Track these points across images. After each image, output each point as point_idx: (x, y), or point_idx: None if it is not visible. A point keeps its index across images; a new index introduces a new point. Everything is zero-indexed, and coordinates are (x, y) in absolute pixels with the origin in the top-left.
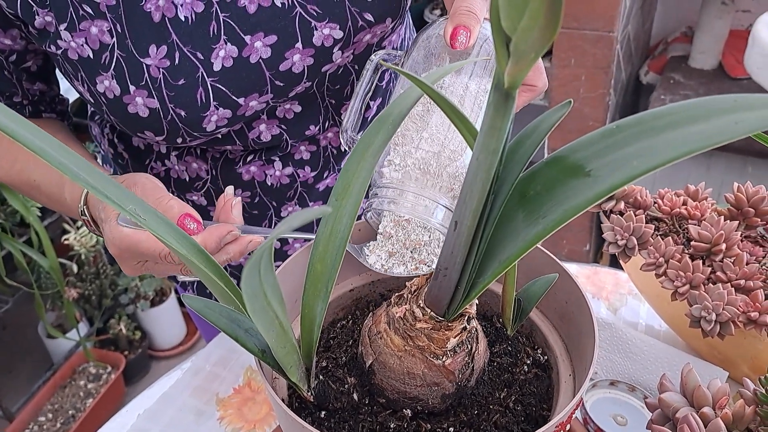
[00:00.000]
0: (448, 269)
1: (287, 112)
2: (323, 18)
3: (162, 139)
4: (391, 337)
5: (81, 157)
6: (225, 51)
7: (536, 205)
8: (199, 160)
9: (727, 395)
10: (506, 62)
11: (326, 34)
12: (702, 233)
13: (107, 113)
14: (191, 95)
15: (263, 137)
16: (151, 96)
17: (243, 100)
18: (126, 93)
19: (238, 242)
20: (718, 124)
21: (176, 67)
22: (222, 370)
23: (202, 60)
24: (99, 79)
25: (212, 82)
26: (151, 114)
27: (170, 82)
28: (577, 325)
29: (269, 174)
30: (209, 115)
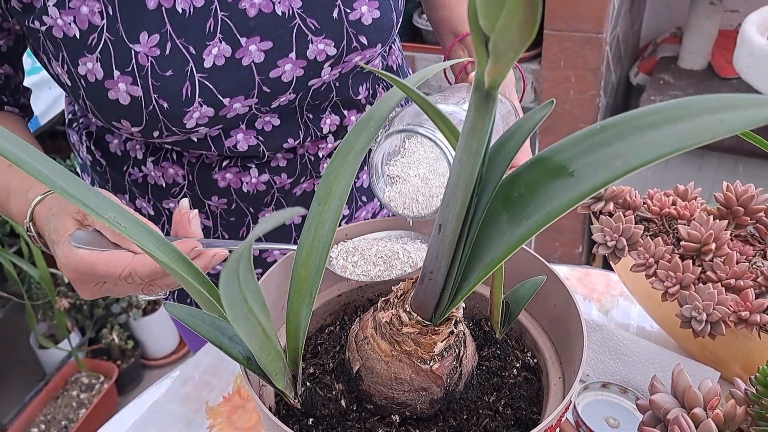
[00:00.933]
0: (433, 273)
1: (266, 124)
2: (320, 33)
3: (138, 131)
4: (378, 343)
5: (59, 166)
6: (218, 49)
7: (520, 207)
8: (176, 166)
9: (717, 396)
10: (485, 61)
11: (320, 49)
12: (691, 233)
13: (83, 98)
14: (177, 88)
15: (239, 146)
16: (135, 83)
17: (228, 101)
18: (109, 78)
19: (201, 257)
20: (702, 123)
21: (166, 58)
22: (211, 378)
23: (193, 54)
24: (82, 61)
25: (200, 78)
26: (132, 102)
27: (158, 71)
28: (566, 327)
29: (245, 181)
30: (192, 111)
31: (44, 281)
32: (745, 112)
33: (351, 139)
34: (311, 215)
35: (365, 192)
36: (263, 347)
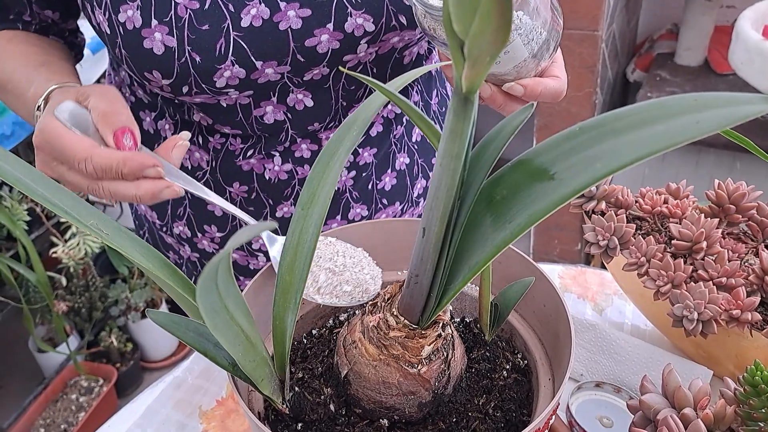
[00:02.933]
0: (419, 276)
1: (298, 102)
2: (360, 7)
3: (168, 84)
4: (366, 347)
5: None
6: (257, 10)
7: (503, 210)
8: (201, 150)
9: (707, 396)
10: (462, 66)
11: (359, 23)
12: (683, 231)
13: (120, 47)
14: (211, 43)
15: (266, 119)
16: (171, 34)
17: (260, 65)
18: (146, 26)
19: (153, 182)
20: (679, 124)
21: (204, 12)
22: (205, 382)
23: (232, 12)
24: (123, 8)
25: (236, 36)
26: (165, 52)
27: (194, 25)
28: (555, 328)
29: (268, 168)
30: (223, 68)
31: (42, 285)
32: (721, 111)
33: (334, 144)
34: (295, 220)
35: (386, 195)
36: (247, 354)
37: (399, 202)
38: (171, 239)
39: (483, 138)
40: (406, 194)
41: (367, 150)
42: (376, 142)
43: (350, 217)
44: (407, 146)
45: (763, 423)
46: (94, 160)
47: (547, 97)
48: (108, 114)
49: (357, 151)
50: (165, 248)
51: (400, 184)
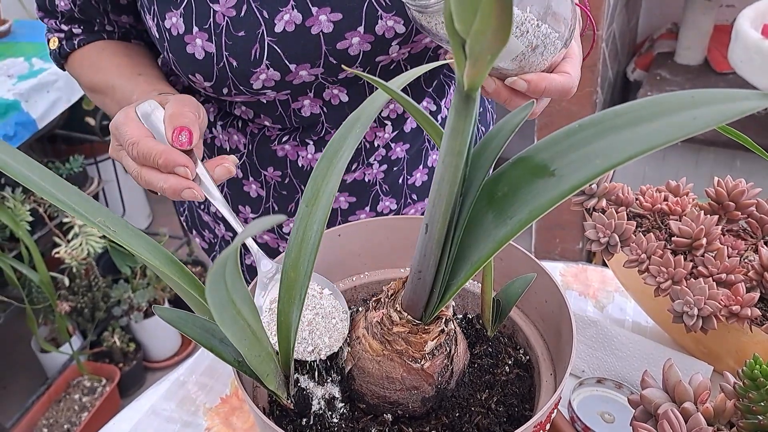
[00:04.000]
0: (422, 272)
1: (334, 97)
2: (391, 10)
3: (210, 86)
4: (370, 342)
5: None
6: (290, 16)
7: (504, 206)
8: (240, 133)
9: (708, 390)
10: (464, 64)
11: (389, 25)
12: (682, 228)
13: (167, 50)
14: (247, 49)
15: (304, 112)
16: (210, 40)
17: (294, 67)
18: (188, 33)
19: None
20: (677, 120)
21: (240, 19)
22: (209, 380)
23: (266, 19)
24: (168, 15)
25: (270, 41)
26: (205, 57)
27: (231, 31)
28: (557, 323)
29: (302, 155)
30: (259, 72)
31: (44, 285)
32: (718, 108)
33: (337, 141)
34: (299, 217)
35: (416, 190)
36: (253, 349)
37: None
38: (208, 217)
39: (484, 136)
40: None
41: (400, 145)
42: (409, 137)
43: (379, 209)
44: None
45: (762, 416)
46: (139, 145)
47: (552, 93)
48: (174, 115)
49: (390, 146)
50: (202, 226)
51: (431, 180)
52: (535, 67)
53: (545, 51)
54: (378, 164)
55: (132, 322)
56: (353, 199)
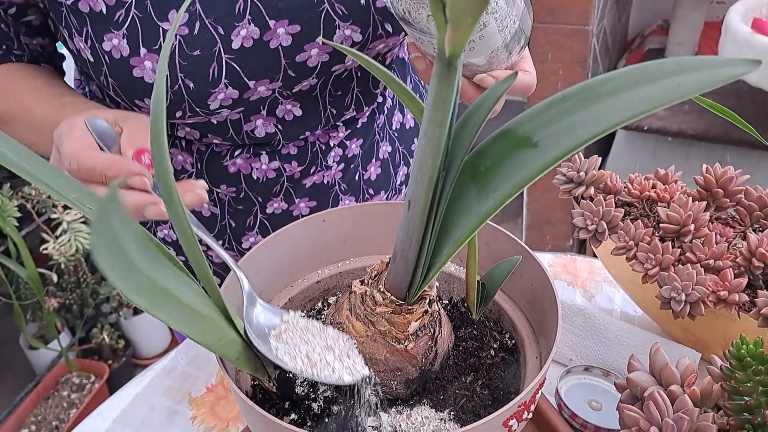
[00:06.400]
0: (404, 250)
1: (287, 113)
2: (348, 19)
3: None
4: (353, 324)
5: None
6: (247, 31)
7: (487, 180)
8: (185, 153)
9: (695, 373)
10: (445, 28)
11: (347, 35)
12: (670, 215)
13: (106, 75)
14: (204, 68)
15: (257, 132)
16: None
17: (253, 84)
18: (135, 55)
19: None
20: (661, 87)
21: (194, 37)
22: (194, 370)
23: (222, 35)
24: (108, 37)
25: (228, 59)
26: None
27: (185, 51)
28: (542, 307)
29: (255, 167)
30: (217, 92)
31: (32, 281)
32: (702, 74)
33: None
34: None
35: (372, 184)
36: (208, 334)
37: (384, 191)
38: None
39: (467, 109)
40: (390, 182)
41: (354, 141)
42: (361, 132)
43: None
44: (389, 134)
45: (748, 397)
46: (80, 160)
47: (518, 90)
48: (135, 137)
49: (345, 144)
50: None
51: (384, 173)
52: (501, 65)
53: (513, 49)
54: (336, 164)
55: (121, 319)
56: (314, 203)
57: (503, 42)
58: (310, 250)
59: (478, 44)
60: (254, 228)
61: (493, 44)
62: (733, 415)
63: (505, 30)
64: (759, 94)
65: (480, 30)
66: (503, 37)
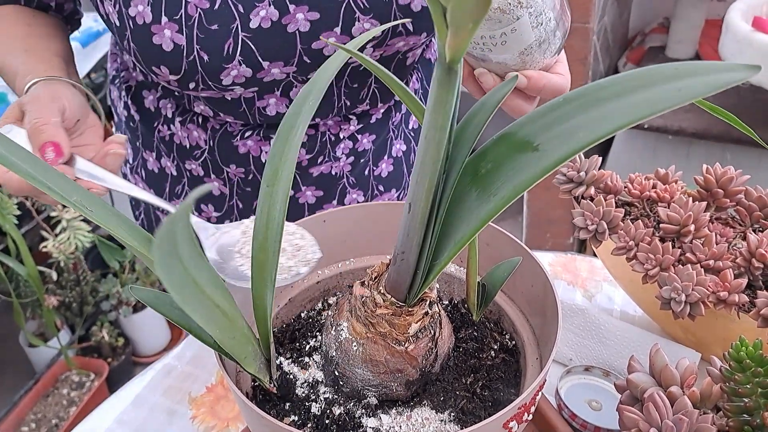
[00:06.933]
0: (405, 252)
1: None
2: (368, 12)
3: (175, 79)
4: (353, 325)
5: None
6: (266, 12)
7: (488, 183)
8: (200, 129)
9: (694, 374)
10: (446, 34)
11: (366, 28)
12: (671, 215)
13: (129, 40)
14: (220, 43)
15: (269, 111)
16: (180, 32)
17: (267, 65)
18: (156, 23)
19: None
20: (660, 92)
21: (214, 12)
22: (194, 369)
23: (241, 13)
24: (134, 2)
25: (244, 37)
26: (174, 49)
27: (204, 24)
28: (542, 308)
29: (265, 150)
30: (230, 68)
31: (32, 279)
32: (702, 79)
33: (291, 117)
34: (262, 197)
35: (382, 181)
36: (225, 331)
37: (395, 189)
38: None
39: (467, 113)
40: (403, 181)
41: (366, 136)
42: (375, 128)
43: (346, 202)
44: (404, 133)
45: (747, 398)
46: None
47: (549, 93)
48: (35, 130)
49: (356, 137)
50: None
51: (397, 171)
52: (535, 65)
53: (548, 48)
54: (345, 157)
55: (121, 317)
56: (320, 192)
57: (537, 39)
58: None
59: (510, 38)
60: None
61: (526, 40)
62: (733, 417)
63: (540, 27)
64: (760, 92)
65: (512, 23)
66: (537, 34)
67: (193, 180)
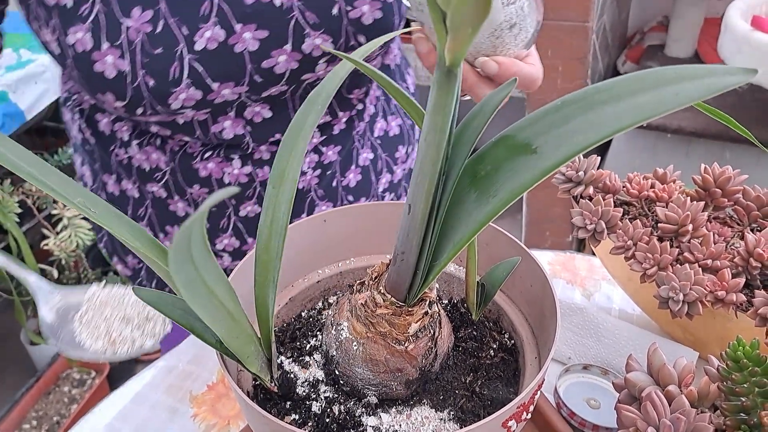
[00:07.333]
0: (405, 253)
1: (256, 115)
2: (318, 28)
3: (122, 105)
4: (354, 324)
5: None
6: (212, 33)
7: (487, 185)
8: (159, 151)
9: (692, 373)
10: (445, 38)
11: (317, 44)
12: (669, 215)
13: (71, 67)
14: (165, 67)
15: (225, 134)
16: (122, 57)
17: (217, 86)
18: (97, 49)
19: None
20: (659, 95)
21: (157, 36)
22: (195, 368)
23: (186, 35)
24: (72, 30)
25: (190, 59)
26: (118, 76)
27: (147, 48)
28: (541, 307)
29: (227, 172)
30: (178, 91)
31: None
32: (700, 83)
33: (299, 120)
34: (267, 198)
35: (351, 191)
36: (230, 330)
37: (364, 198)
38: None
39: (466, 115)
40: (371, 189)
41: (331, 148)
42: (339, 139)
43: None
44: (370, 142)
45: (745, 398)
46: None
47: (522, 83)
48: None
49: (320, 150)
50: (124, 252)
51: (365, 179)
52: (504, 52)
53: (519, 34)
54: (311, 170)
55: None
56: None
57: (507, 21)
58: (311, 249)
59: None
60: (228, 230)
61: (496, 19)
62: (730, 416)
63: (511, 6)
64: (759, 92)
65: None
66: (508, 14)
67: (157, 202)
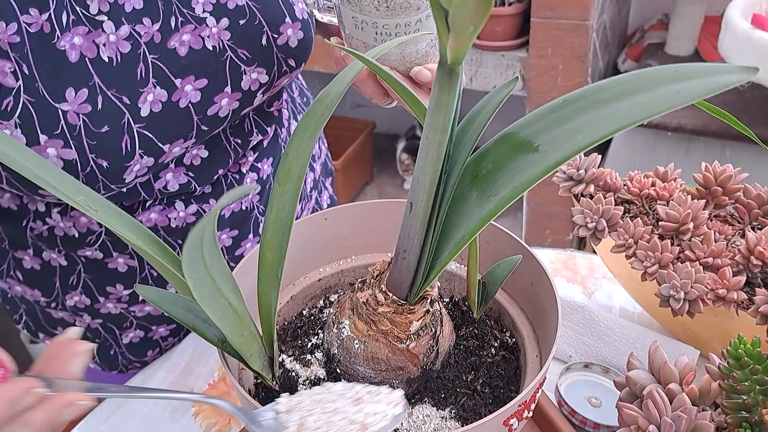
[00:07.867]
0: (406, 251)
1: (194, 158)
2: (252, 63)
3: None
4: (355, 323)
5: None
6: (154, 95)
7: (488, 183)
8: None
9: (693, 371)
10: (447, 37)
11: (254, 78)
12: (670, 213)
13: (2, 169)
14: (116, 143)
15: (170, 187)
16: (67, 146)
17: (168, 147)
18: (34, 144)
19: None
20: (660, 94)
21: (99, 113)
22: (197, 366)
23: (128, 105)
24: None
25: (138, 128)
26: (66, 166)
27: (92, 129)
28: (542, 305)
29: (172, 217)
30: (133, 164)
31: None
32: (701, 81)
33: (306, 119)
34: (272, 196)
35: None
36: (235, 328)
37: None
38: (63, 313)
39: (468, 113)
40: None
41: (265, 162)
42: (269, 151)
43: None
44: None
45: (745, 396)
46: None
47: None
48: None
49: (256, 167)
50: (52, 325)
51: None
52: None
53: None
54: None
55: None
56: (235, 232)
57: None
58: (312, 248)
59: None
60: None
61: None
62: (731, 414)
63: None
64: (760, 90)
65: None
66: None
67: (91, 265)
